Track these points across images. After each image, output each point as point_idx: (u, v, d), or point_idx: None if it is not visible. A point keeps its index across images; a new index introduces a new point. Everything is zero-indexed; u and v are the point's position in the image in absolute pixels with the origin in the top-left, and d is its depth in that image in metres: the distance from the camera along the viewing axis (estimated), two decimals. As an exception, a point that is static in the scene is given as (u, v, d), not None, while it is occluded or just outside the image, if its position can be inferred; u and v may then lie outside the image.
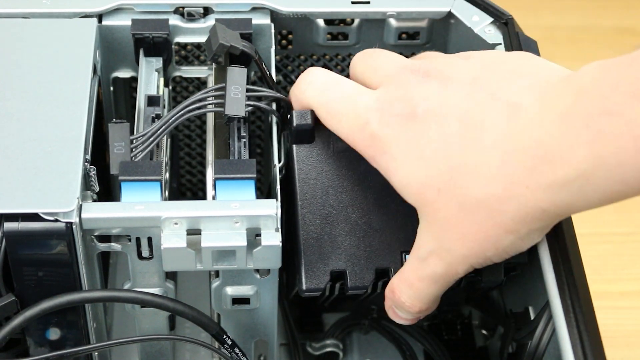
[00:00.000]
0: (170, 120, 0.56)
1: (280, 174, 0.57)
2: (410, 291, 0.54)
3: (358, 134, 0.53)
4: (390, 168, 0.52)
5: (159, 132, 0.55)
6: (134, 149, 0.55)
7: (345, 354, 0.69)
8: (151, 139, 0.55)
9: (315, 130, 0.56)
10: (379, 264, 0.56)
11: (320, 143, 0.57)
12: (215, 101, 0.56)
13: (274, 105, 0.58)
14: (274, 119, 0.58)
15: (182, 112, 0.55)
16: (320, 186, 0.56)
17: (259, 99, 0.57)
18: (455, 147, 0.50)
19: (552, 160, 0.46)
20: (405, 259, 0.56)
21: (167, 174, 0.59)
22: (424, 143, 0.51)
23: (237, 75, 0.56)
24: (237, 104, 0.55)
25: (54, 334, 0.56)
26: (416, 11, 0.64)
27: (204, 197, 0.55)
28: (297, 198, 0.56)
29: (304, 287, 0.55)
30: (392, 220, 0.56)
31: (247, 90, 0.56)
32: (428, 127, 0.51)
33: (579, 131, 0.45)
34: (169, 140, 0.59)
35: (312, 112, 0.56)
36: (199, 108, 0.56)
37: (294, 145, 0.56)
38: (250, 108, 0.56)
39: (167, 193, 0.57)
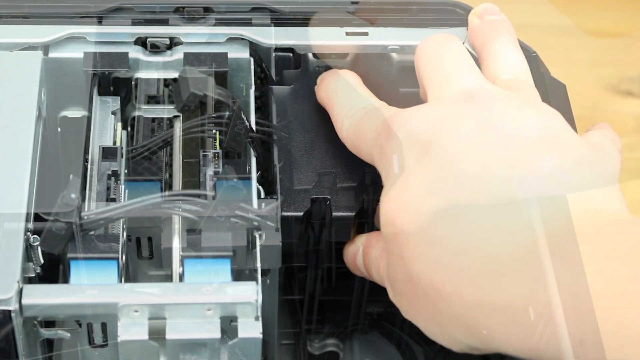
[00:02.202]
0: (168, 140, 0.54)
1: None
2: None
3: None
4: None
5: (153, 149, 0.54)
6: (131, 156, 0.53)
7: (345, 354, 0.67)
8: (145, 154, 0.54)
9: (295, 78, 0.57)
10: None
11: (300, 88, 0.56)
12: (217, 128, 0.53)
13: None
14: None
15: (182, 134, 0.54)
16: (295, 123, 0.56)
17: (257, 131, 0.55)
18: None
19: None
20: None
21: (167, 174, 0.56)
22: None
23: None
24: (238, 138, 0.53)
25: None
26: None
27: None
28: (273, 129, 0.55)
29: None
30: None
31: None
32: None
33: None
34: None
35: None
36: (198, 132, 0.54)
37: (272, 87, 0.56)
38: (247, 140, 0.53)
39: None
